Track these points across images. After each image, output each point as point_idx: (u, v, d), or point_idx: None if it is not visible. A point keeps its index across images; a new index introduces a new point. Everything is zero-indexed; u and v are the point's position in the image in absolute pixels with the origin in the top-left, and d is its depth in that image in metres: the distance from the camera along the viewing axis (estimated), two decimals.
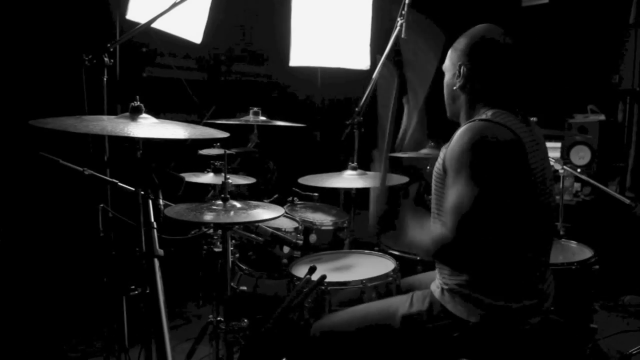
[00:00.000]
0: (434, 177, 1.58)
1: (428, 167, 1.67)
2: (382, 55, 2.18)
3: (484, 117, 1.45)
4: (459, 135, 1.43)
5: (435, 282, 1.61)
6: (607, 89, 3.85)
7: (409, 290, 1.78)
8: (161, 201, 1.26)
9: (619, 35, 3.77)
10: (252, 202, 1.92)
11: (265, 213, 1.76)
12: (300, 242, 2.21)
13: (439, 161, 1.53)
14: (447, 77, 1.60)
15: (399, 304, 1.58)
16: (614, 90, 3.82)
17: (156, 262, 1.16)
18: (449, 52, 1.60)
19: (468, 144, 1.38)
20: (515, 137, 1.39)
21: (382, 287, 1.75)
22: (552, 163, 2.60)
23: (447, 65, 1.60)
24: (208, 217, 1.71)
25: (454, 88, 1.56)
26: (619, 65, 3.79)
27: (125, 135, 1.23)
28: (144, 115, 1.38)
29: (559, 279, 2.04)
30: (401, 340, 1.53)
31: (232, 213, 1.73)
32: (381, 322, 1.55)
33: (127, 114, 1.38)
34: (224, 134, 1.50)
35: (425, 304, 1.53)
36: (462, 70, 1.52)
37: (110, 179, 1.82)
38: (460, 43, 1.55)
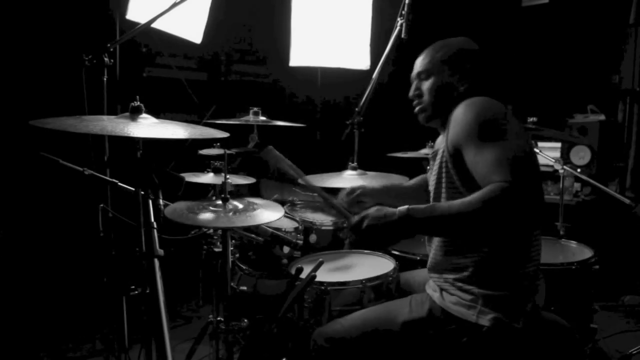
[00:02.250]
0: (437, 171, 1.55)
1: (428, 167, 1.66)
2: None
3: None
4: (464, 110, 1.43)
5: (430, 284, 1.59)
6: (607, 89, 3.85)
7: (406, 288, 1.77)
8: (161, 201, 1.26)
9: (619, 35, 3.78)
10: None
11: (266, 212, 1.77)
12: (300, 242, 2.21)
13: (442, 148, 1.51)
14: (435, 80, 1.60)
15: (399, 309, 1.56)
16: (614, 90, 3.82)
17: (156, 262, 1.16)
18: (427, 59, 1.61)
19: (478, 108, 1.40)
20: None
21: (382, 287, 1.75)
22: (552, 163, 2.62)
23: (431, 69, 1.60)
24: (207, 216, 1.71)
25: (456, 85, 1.56)
26: (619, 65, 3.79)
27: (125, 135, 1.23)
28: (144, 115, 1.38)
29: (559, 279, 2.05)
30: (404, 345, 1.51)
31: (232, 214, 1.73)
32: (381, 328, 1.53)
33: (127, 114, 1.38)
34: (224, 134, 1.50)
35: (425, 309, 1.51)
36: (460, 69, 1.56)
37: (110, 179, 1.82)
38: (441, 51, 1.60)
